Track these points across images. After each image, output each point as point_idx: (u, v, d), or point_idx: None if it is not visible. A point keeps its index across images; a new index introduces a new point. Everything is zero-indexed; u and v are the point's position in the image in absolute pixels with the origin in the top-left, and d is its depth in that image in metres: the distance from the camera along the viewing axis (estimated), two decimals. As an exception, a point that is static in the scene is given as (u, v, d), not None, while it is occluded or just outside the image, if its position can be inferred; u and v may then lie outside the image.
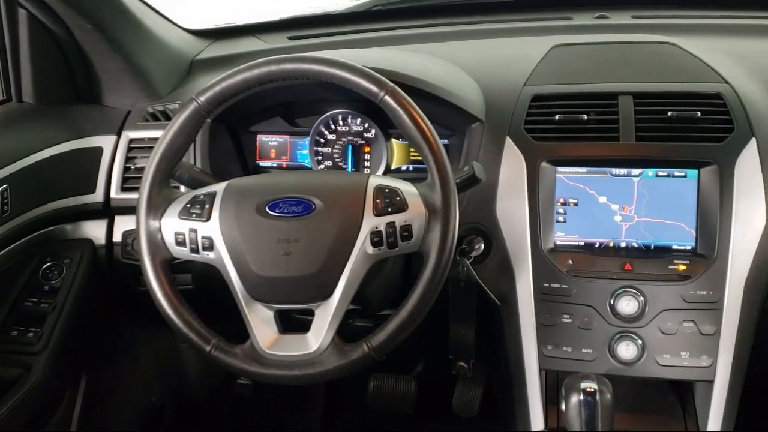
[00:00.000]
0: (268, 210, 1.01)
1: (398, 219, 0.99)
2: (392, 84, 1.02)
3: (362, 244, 0.99)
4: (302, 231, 0.99)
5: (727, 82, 1.20)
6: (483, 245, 1.20)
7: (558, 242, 1.18)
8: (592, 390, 0.98)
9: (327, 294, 0.99)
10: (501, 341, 1.23)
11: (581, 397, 0.98)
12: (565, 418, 1.00)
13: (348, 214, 0.99)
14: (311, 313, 1.02)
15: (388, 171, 1.36)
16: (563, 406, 1.01)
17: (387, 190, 1.01)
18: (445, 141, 1.31)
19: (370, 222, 0.99)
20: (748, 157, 1.12)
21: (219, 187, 1.06)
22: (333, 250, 0.98)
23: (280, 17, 1.77)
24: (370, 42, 1.59)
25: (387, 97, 1.01)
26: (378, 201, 1.00)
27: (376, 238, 0.99)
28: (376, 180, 1.03)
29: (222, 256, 1.01)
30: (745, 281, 1.10)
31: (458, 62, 1.36)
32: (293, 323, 1.06)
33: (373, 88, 1.01)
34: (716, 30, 1.49)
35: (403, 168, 1.36)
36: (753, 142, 1.12)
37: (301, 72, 1.05)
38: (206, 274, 1.16)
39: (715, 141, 1.13)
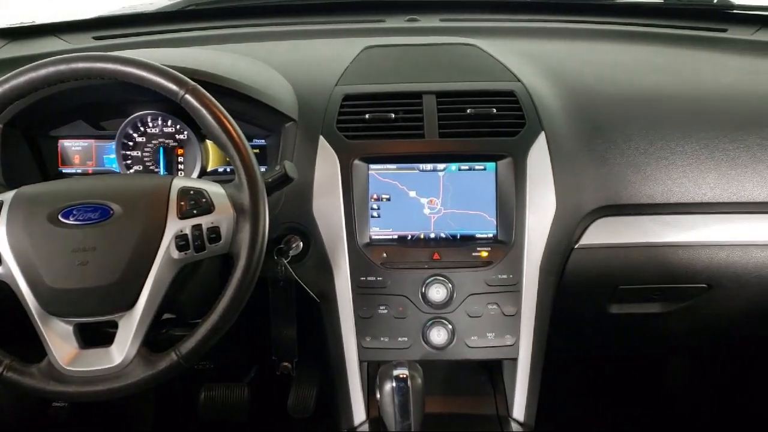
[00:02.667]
0: (61, 218, 0.95)
1: (204, 221, 0.97)
2: (193, 83, 1.00)
3: (167, 249, 0.95)
4: (99, 239, 0.94)
5: (519, 81, 1.30)
6: (301, 244, 1.21)
7: (373, 237, 1.21)
8: (404, 376, 1.02)
9: (130, 303, 0.95)
10: (323, 337, 1.24)
11: (394, 384, 1.01)
12: (380, 406, 1.03)
13: (150, 218, 0.96)
14: (116, 324, 0.97)
15: (203, 173, 1.32)
16: (378, 395, 1.04)
17: (192, 192, 0.99)
18: (262, 141, 1.31)
19: (175, 225, 0.96)
20: (538, 150, 1.21)
21: (6, 197, 0.98)
22: (134, 257, 0.94)
23: (85, 16, 1.67)
24: (182, 42, 1.54)
25: (188, 96, 0.99)
26: (182, 203, 0.97)
27: (181, 242, 0.96)
28: (181, 182, 1.00)
29: (11, 270, 0.94)
30: (540, 264, 1.19)
31: (271, 62, 1.35)
32: (100, 336, 1.00)
33: (173, 86, 0.98)
34: (514, 32, 1.61)
35: (220, 170, 1.34)
36: (542, 135, 1.22)
37: (95, 71, 0.99)
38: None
39: (509, 135, 1.21)
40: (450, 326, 1.17)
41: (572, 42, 1.55)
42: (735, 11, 1.66)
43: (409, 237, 1.22)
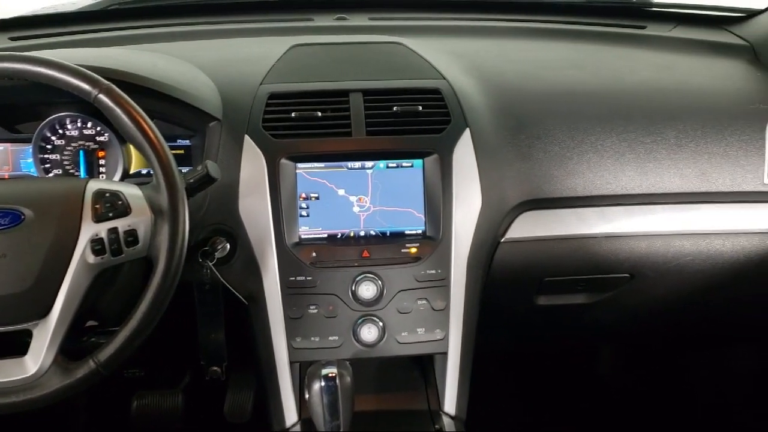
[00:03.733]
0: None
1: (121, 224, 0.95)
2: (107, 82, 0.97)
3: (82, 254, 0.93)
4: (9, 245, 0.91)
5: (445, 79, 1.31)
6: (228, 245, 1.19)
7: (303, 236, 1.21)
8: (333, 375, 1.02)
9: (44, 311, 0.92)
10: (253, 340, 1.23)
11: (322, 384, 1.01)
12: (309, 406, 1.03)
13: (63, 222, 0.93)
14: (30, 333, 0.94)
15: (126, 176, 1.29)
16: (307, 395, 1.03)
17: (107, 194, 0.96)
18: (187, 141, 1.28)
19: (90, 229, 0.93)
20: (464, 146, 1.22)
21: None
22: (47, 263, 0.91)
23: (2, 16, 1.61)
24: (104, 42, 1.50)
25: (101, 96, 0.96)
26: (98, 206, 0.95)
27: (97, 246, 0.93)
28: (96, 184, 0.98)
29: None
30: (467, 259, 1.20)
31: (195, 61, 1.33)
32: (14, 346, 0.96)
33: (85, 86, 0.96)
34: (441, 31, 1.62)
35: (144, 172, 1.31)
36: (467, 132, 1.23)
37: (2, 71, 0.96)
38: None
39: (435, 132, 1.22)
40: (380, 323, 1.18)
41: (497, 40, 1.58)
42: (653, 8, 1.72)
43: (339, 235, 1.22)
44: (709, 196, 1.29)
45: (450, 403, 1.21)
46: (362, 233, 1.22)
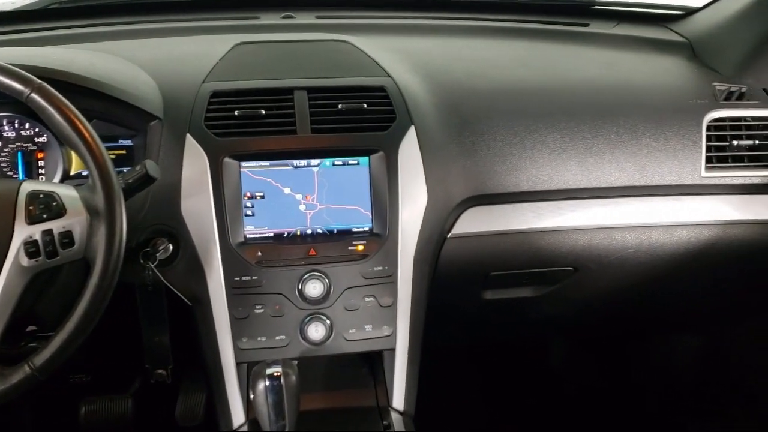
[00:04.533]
0: None
1: (56, 225, 0.93)
2: (40, 81, 0.95)
3: (15, 257, 0.90)
4: None
5: (390, 77, 1.31)
6: (171, 246, 1.18)
7: (248, 235, 1.20)
8: (278, 374, 1.01)
9: (-25, 316, 0.89)
10: (198, 341, 1.21)
11: (267, 383, 1.00)
12: (254, 406, 1.02)
13: None
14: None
15: (66, 177, 1.26)
16: (252, 396, 1.03)
17: (42, 196, 0.94)
18: (128, 141, 1.26)
19: (23, 231, 0.91)
20: (409, 143, 1.22)
21: None
22: None
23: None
24: (43, 41, 1.46)
25: (34, 95, 0.94)
26: (31, 208, 0.93)
27: (31, 248, 0.91)
28: (30, 185, 0.95)
29: None
30: (414, 255, 1.21)
31: (135, 60, 1.31)
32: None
33: (17, 86, 0.93)
34: (388, 29, 1.62)
35: (85, 173, 1.28)
36: (412, 129, 1.23)
37: None
38: None
39: (380, 130, 1.22)
40: (328, 321, 1.17)
41: (444, 38, 1.59)
42: (597, 6, 1.75)
43: (286, 234, 1.21)
44: (649, 189, 1.32)
45: (398, 399, 1.21)
46: (309, 231, 1.22)
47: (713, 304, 1.65)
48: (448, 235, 1.27)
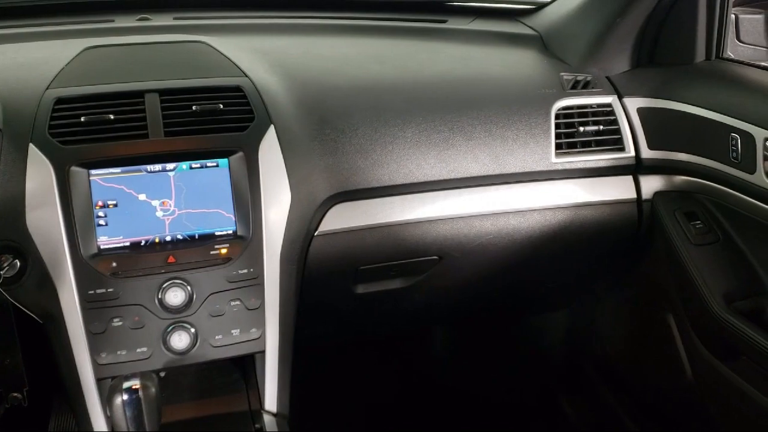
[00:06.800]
0: None
1: None
2: None
3: None
4: None
5: (247, 76, 1.30)
6: (18, 263, 1.11)
7: (102, 246, 1.14)
8: (135, 387, 0.98)
9: None
10: (54, 359, 1.15)
11: (124, 397, 0.97)
12: (113, 422, 0.98)
13: None
14: None
15: None
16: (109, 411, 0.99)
17: None
18: None
19: None
20: (269, 143, 1.22)
21: None
22: None
23: None
24: None
25: None
26: None
27: None
28: None
29: None
30: (280, 255, 1.20)
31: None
32: None
33: None
34: (247, 29, 1.60)
35: None
36: (272, 128, 1.23)
37: None
38: None
39: (239, 130, 1.21)
40: (192, 329, 1.15)
41: (302, 37, 1.59)
42: (454, 3, 1.80)
43: (143, 243, 1.17)
44: (503, 177, 1.38)
45: (270, 400, 1.20)
46: (168, 238, 1.18)
47: (573, 283, 1.75)
48: (315, 233, 1.27)
